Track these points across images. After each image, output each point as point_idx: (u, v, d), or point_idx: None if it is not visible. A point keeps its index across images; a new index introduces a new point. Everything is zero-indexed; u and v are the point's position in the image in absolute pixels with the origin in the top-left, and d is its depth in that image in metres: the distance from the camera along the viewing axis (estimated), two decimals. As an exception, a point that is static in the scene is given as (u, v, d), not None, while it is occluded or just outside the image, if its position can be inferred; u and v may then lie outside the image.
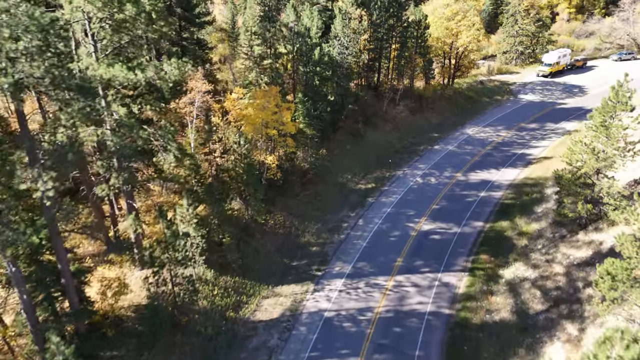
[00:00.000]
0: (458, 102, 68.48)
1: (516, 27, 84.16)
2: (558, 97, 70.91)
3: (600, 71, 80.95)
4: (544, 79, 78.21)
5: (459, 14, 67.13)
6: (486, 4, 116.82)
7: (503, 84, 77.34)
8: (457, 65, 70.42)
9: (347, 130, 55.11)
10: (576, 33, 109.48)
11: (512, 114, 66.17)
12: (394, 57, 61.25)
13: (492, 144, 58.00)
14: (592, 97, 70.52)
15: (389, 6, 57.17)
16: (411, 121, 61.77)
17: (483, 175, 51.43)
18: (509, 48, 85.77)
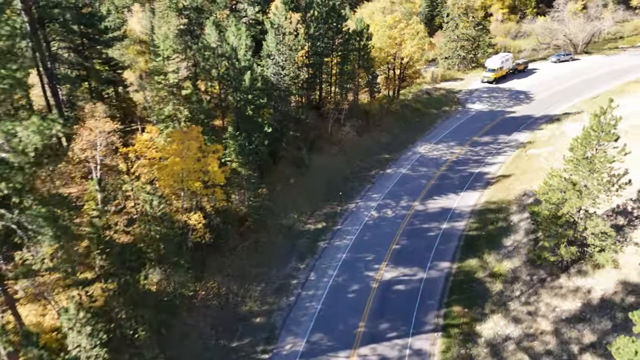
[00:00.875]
0: (406, 116, 63.26)
1: (457, 31, 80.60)
2: (506, 105, 67.62)
3: (542, 74, 79.07)
4: (489, 85, 75.03)
5: (402, 21, 61.81)
6: (422, 6, 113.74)
7: (449, 92, 73.26)
8: (402, 76, 65.23)
9: (289, 160, 47.94)
10: (511, 34, 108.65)
11: (463, 126, 61.82)
12: (335, 72, 54.80)
13: (446, 164, 53.02)
14: (539, 104, 67.89)
15: (328, 17, 50.55)
16: (359, 142, 55.62)
17: (442, 202, 46.14)
18: (451, 53, 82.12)
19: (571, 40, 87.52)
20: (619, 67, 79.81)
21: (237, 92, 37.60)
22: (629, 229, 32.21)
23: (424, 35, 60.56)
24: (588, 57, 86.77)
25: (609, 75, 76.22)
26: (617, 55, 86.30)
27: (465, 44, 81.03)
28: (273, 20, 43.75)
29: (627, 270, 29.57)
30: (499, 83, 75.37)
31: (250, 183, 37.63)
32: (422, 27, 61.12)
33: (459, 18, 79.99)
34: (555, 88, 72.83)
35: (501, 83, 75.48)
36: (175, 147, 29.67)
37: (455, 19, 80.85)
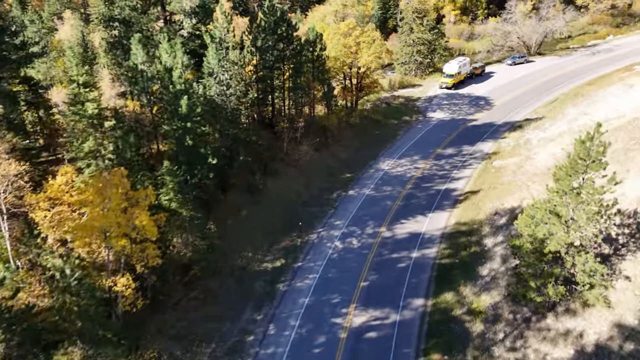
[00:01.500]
0: (366, 129, 59.26)
1: (412, 36, 77.60)
2: (467, 113, 64.98)
3: (499, 78, 77.33)
4: (448, 91, 72.38)
5: (356, 28, 57.71)
6: (375, 8, 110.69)
7: (408, 100, 70.01)
8: (360, 86, 61.23)
9: (241, 188, 42.72)
10: (464, 35, 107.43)
11: (425, 138, 58.48)
12: (288, 86, 49.94)
13: (412, 181, 49.34)
14: (499, 110, 65.68)
15: (276, 27, 45.61)
16: (318, 161, 51.03)
17: (411, 226, 42.30)
18: (407, 59, 79.05)
19: (524, 42, 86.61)
20: (573, 68, 79.33)
21: (173, 120, 32.06)
22: (616, 259, 29.32)
23: (381, 43, 56.76)
24: (541, 58, 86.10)
25: (564, 77, 75.41)
26: (569, 55, 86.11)
27: (421, 48, 78.16)
28: (214, 34, 38.37)
29: (620, 311, 26.51)
30: (458, 88, 72.89)
31: (194, 224, 32.24)
32: (378, 35, 57.30)
33: (414, 22, 77.01)
34: (514, 92, 71.05)
35: (460, 88, 73.03)
36: (93, 197, 23.96)
37: (409, 23, 77.82)
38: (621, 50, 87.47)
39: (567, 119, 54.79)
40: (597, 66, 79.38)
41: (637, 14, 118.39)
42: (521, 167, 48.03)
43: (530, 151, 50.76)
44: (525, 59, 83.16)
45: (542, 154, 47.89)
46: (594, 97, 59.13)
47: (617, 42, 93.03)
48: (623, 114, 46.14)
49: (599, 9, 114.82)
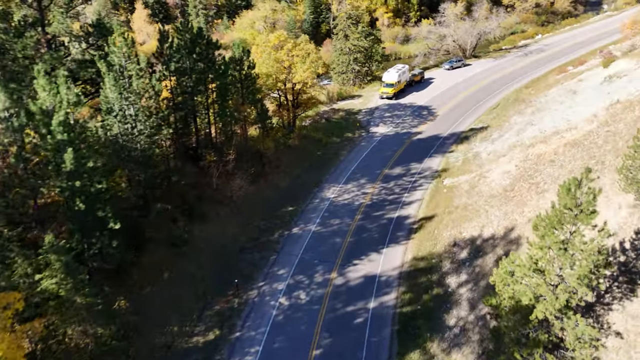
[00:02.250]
0: (307, 150, 53.50)
1: (348, 43, 72.80)
2: (411, 125, 60.97)
3: (439, 84, 74.41)
4: (389, 102, 68.22)
5: (288, 41, 51.65)
6: (306, 13, 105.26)
7: (349, 113, 65.04)
8: (297, 103, 55.32)
9: (161, 242, 35.35)
10: (399, 39, 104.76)
11: (370, 157, 53.60)
12: (214, 112, 42.98)
13: (361, 210, 44.14)
14: (443, 120, 62.29)
15: (193, 46, 38.50)
16: (255, 194, 44.52)
17: (364, 268, 36.99)
18: (344, 68, 74.16)
19: (460, 45, 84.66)
20: (509, 70, 78.20)
21: (56, 180, 24.39)
22: (602, 309, 25.48)
23: (316, 57, 51.09)
24: (477, 61, 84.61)
25: (502, 81, 73.89)
26: (504, 57, 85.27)
27: (358, 56, 73.56)
28: (112, 60, 30.76)
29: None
30: (399, 98, 68.95)
31: (94, 311, 24.79)
32: (312, 48, 51.57)
33: (348, 29, 72.20)
34: (455, 99, 68.22)
35: (401, 98, 69.14)
36: None
37: (344, 29, 72.93)
38: (551, 50, 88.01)
39: (515, 130, 52.00)
40: (532, 68, 78.82)
41: (559, 11, 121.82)
42: (475, 186, 44.26)
43: (482, 167, 47.26)
44: (462, 62, 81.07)
45: (495, 172, 44.38)
46: (537, 104, 57.03)
47: (546, 42, 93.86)
48: (574, 125, 43.55)
49: (524, 8, 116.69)
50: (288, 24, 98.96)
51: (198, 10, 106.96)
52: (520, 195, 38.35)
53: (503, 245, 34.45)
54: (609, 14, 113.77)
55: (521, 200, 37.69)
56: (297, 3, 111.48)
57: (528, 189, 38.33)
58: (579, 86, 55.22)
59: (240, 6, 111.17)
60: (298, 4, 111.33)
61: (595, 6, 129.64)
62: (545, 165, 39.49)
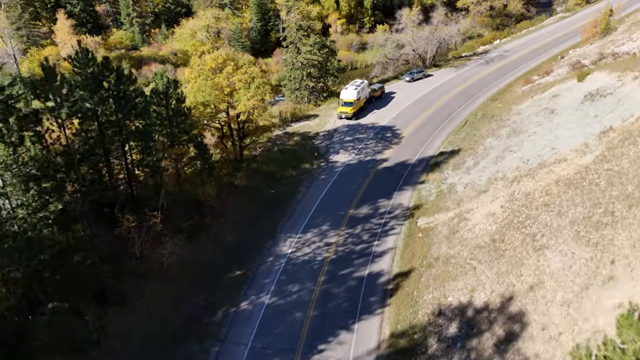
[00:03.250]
0: (258, 189, 45.18)
1: (300, 57, 64.91)
2: (375, 150, 53.88)
3: (401, 99, 67.93)
4: (349, 122, 60.90)
5: (228, 62, 43.11)
6: (253, 20, 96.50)
7: (305, 138, 57.20)
8: (243, 134, 46.89)
9: (59, 349, 26.09)
10: (354, 47, 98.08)
11: (332, 193, 45.99)
12: (133, 161, 33.87)
13: (324, 268, 36.41)
14: (409, 142, 55.62)
15: (97, 82, 29.29)
16: (192, 256, 35.81)
17: (333, 355, 29.29)
18: (298, 84, 66.24)
19: (419, 54, 78.69)
20: (472, 81, 72.97)
21: None
22: None
23: (263, 82, 42.74)
24: (438, 71, 78.99)
25: (466, 92, 68.41)
26: (465, 66, 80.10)
27: (311, 70, 65.83)
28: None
29: None
30: (359, 118, 61.77)
31: None
32: (257, 71, 43.09)
33: (300, 42, 64.32)
34: (420, 116, 61.83)
35: (361, 117, 62.00)
36: None
37: (295, 42, 64.98)
38: (511, 56, 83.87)
39: (492, 157, 45.88)
40: (495, 77, 74.03)
41: (512, 13, 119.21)
42: (455, 231, 37.57)
43: (460, 205, 40.70)
44: (423, 73, 75.07)
45: (478, 214, 37.87)
46: (511, 124, 51.37)
47: (505, 48, 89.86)
48: (563, 156, 37.69)
49: (479, 11, 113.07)
50: (233, 33, 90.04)
51: (132, 18, 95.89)
52: (514, 250, 31.85)
53: (502, 323, 27.69)
54: (562, 15, 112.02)
55: (515, 257, 31.17)
56: (242, 10, 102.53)
57: (522, 241, 31.87)
58: (556, 104, 49.91)
59: (180, 14, 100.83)
60: (244, 11, 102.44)
61: (546, 7, 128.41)
62: (539, 210, 33.22)
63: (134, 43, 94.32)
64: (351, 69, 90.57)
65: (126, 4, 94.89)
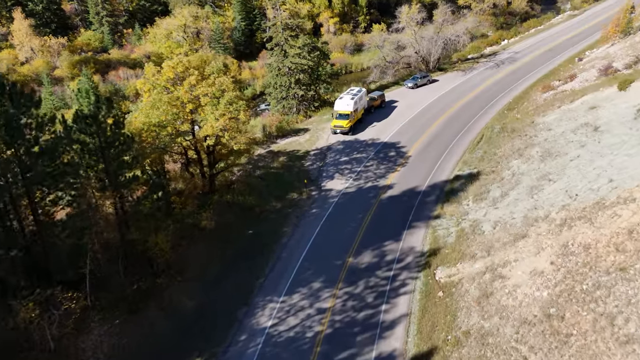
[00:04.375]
0: (231, 231, 35.33)
1: (287, 61, 55.12)
2: (377, 174, 44.24)
3: (404, 109, 58.38)
4: (344, 138, 51.23)
5: (191, 70, 33.17)
6: (237, 19, 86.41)
7: (292, 158, 47.45)
8: (214, 160, 37.04)
9: None
10: (348, 48, 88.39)
11: (326, 235, 36.20)
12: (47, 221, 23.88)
13: (316, 350, 26.65)
14: (417, 163, 46.04)
15: None
16: (134, 340, 25.89)
17: None
18: (285, 93, 56.45)
19: (423, 56, 69.21)
20: (483, 87, 63.72)
21: None
22: None
23: (236, 97, 32.77)
24: (444, 75, 69.57)
25: (478, 102, 59.05)
26: (474, 70, 70.73)
27: (301, 76, 56.06)
28: None
29: None
30: (356, 132, 52.11)
31: None
32: (228, 82, 33.02)
33: (286, 43, 54.53)
34: (427, 131, 52.29)
35: (359, 132, 52.32)
36: None
37: (281, 44, 55.18)
38: (523, 58, 74.73)
39: (524, 186, 36.42)
40: (508, 82, 64.80)
41: (516, 12, 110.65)
42: (489, 293, 28.10)
43: (491, 253, 31.23)
44: (428, 78, 65.58)
45: (519, 270, 28.40)
46: (541, 141, 42.00)
47: (514, 49, 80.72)
48: (629, 194, 28.22)
49: (481, 9, 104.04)
50: (214, 34, 79.90)
51: (101, 17, 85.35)
52: (583, 337, 22.37)
53: None
54: (570, 13, 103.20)
55: (588, 350, 21.69)
56: (224, 8, 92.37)
57: (594, 324, 22.41)
58: (597, 118, 40.54)
59: (156, 12, 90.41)
60: (226, 9, 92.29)
61: (549, 4, 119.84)
62: (612, 276, 23.80)
63: (103, 45, 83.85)
64: (345, 73, 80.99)
65: (95, 2, 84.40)
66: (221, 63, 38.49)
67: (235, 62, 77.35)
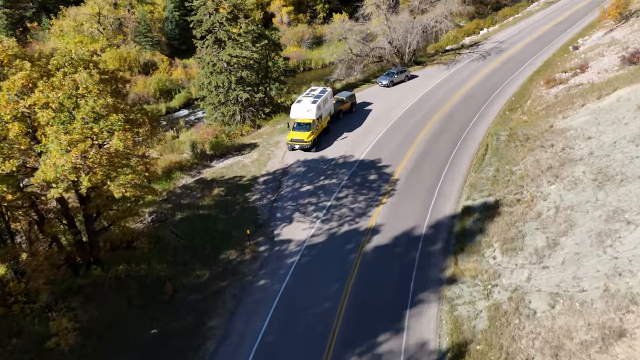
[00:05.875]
0: (120, 332, 20.34)
1: (224, 54, 40.34)
2: (355, 211, 30.26)
3: (380, 114, 44.89)
4: (306, 156, 37.02)
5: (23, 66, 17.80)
6: (168, 8, 70.42)
7: (232, 189, 32.73)
8: (92, 214, 21.86)
9: None
10: (306, 42, 74.28)
11: (280, 330, 21.89)
12: None
13: None
14: (407, 190, 32.42)
15: None
16: None
17: None
18: (222, 97, 41.62)
19: (398, 48, 56.12)
20: (473, 83, 51.26)
21: None
22: None
23: (104, 106, 17.75)
24: (423, 70, 56.75)
25: (470, 100, 46.48)
26: (457, 62, 58.34)
27: (245, 74, 41.37)
28: None
29: None
30: (322, 148, 37.98)
31: None
32: (91, 82, 17.94)
33: (221, 29, 39.79)
34: (415, 142, 38.93)
35: (326, 147, 38.21)
36: None
37: (215, 31, 40.41)
38: (510, 48, 63.22)
39: (584, 230, 23.46)
40: (502, 75, 52.82)
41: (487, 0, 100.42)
42: None
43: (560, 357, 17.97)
44: (406, 74, 52.47)
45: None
46: (584, 155, 29.37)
47: (498, 38, 69.29)
48: None
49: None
50: (140, 25, 63.81)
51: (-3, 9, 67.14)
52: None
53: None
54: (547, 1, 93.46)
55: None
56: (154, -6, 75.95)
57: None
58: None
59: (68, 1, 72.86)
60: (156, -4, 75.85)
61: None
62: None
63: (-2, 42, 65.63)
64: (304, 70, 67.04)
65: (-15, -12, 66.24)
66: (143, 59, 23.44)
67: (166, 59, 61.83)
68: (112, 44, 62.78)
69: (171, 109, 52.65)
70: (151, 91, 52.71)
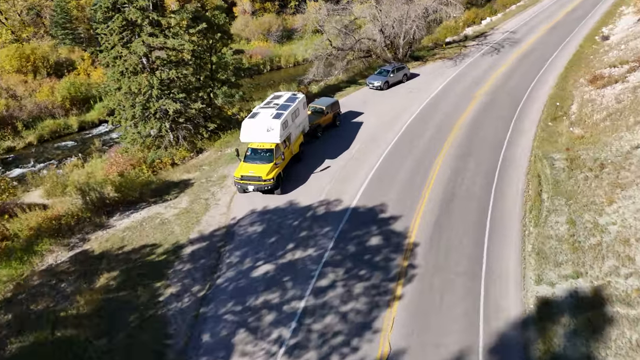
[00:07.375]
0: None
1: (138, 44, 26.00)
2: (350, 322, 16.64)
3: (376, 129, 31.32)
4: (267, 202, 23.01)
5: None
6: None
7: (131, 277, 18.58)
8: None
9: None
10: (274, 35, 60.33)
11: None
12: None
13: None
14: (434, 264, 18.90)
15: None
16: None
17: None
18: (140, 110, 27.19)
19: (390, 37, 42.75)
20: (491, 84, 38.42)
21: None
22: None
23: None
24: (424, 66, 43.61)
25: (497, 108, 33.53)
26: (464, 57, 45.50)
27: (174, 73, 27.05)
28: None
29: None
30: (291, 187, 24.09)
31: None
32: None
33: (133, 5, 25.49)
34: (433, 176, 25.45)
35: (296, 186, 24.37)
36: None
37: (124, 7, 26.05)
38: (526, 39, 50.97)
39: None
40: (526, 74, 40.19)
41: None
42: None
43: None
44: (404, 72, 39.08)
45: None
46: None
47: (508, 27, 57.16)
48: None
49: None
50: (55, 15, 48.71)
51: None
52: None
53: None
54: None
55: None
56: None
57: None
58: None
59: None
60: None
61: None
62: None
63: None
64: (272, 70, 53.18)
65: None
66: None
67: (87, 55, 46.96)
68: (20, 39, 47.58)
69: (87, 124, 38.03)
70: (58, 100, 37.95)
